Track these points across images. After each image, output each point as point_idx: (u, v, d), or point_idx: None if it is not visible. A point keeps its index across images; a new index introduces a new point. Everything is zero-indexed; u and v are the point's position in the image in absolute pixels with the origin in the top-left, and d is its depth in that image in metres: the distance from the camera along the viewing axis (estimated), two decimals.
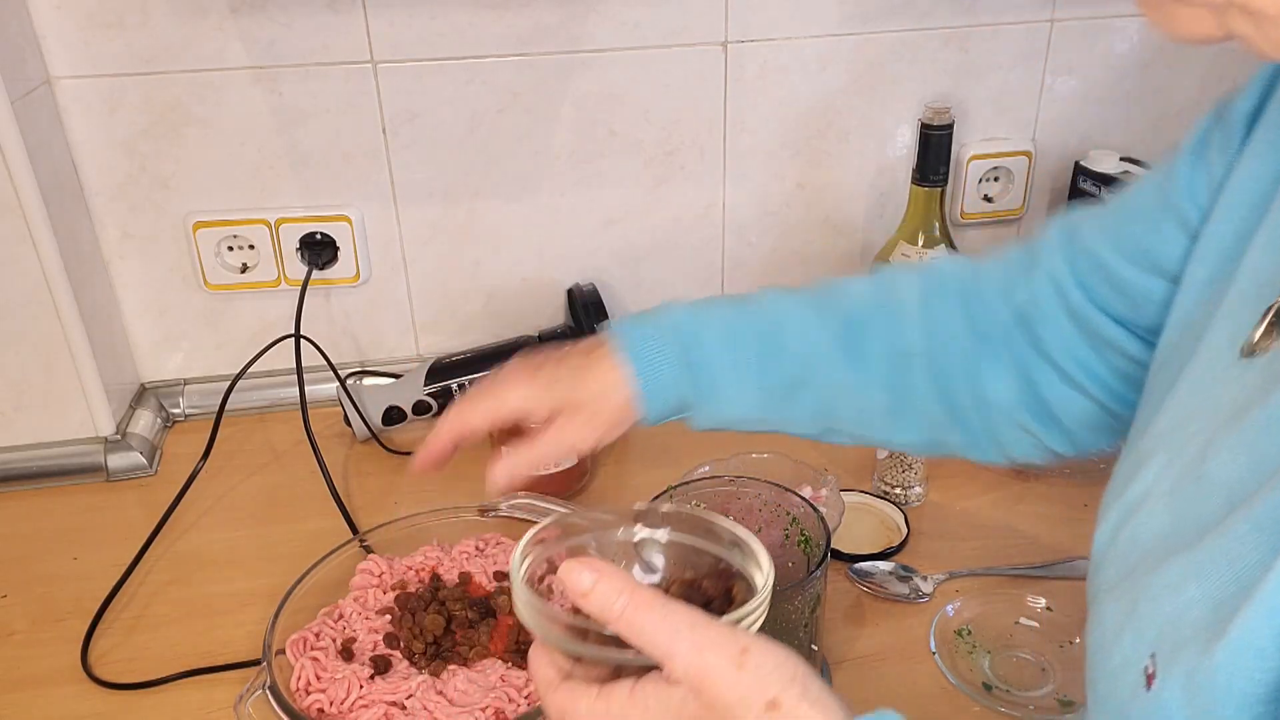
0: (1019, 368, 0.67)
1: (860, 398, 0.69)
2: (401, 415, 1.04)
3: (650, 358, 0.67)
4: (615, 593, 0.47)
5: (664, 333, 0.68)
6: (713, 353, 0.68)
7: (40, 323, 0.95)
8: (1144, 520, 0.48)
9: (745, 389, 0.68)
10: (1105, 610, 0.48)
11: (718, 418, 0.70)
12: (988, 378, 0.68)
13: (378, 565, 0.79)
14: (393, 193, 1.06)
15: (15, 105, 0.87)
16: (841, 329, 0.69)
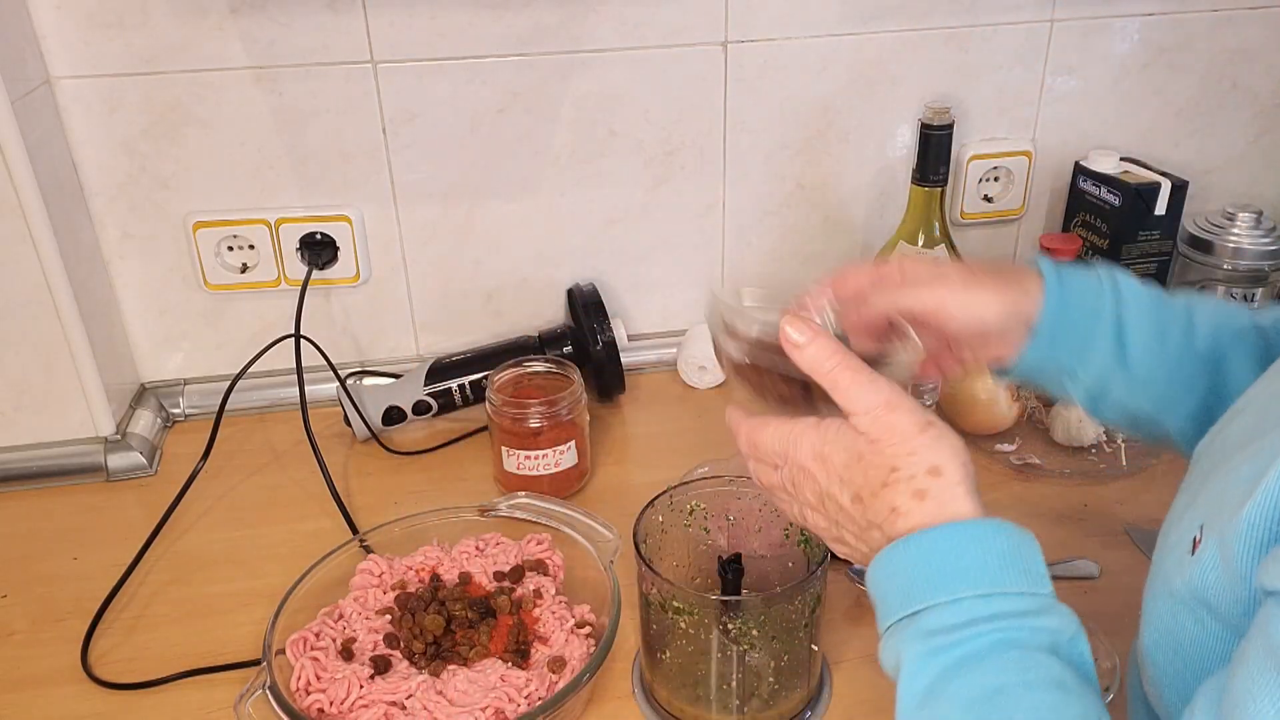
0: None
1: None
2: (401, 415, 1.04)
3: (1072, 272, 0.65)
4: (828, 352, 0.54)
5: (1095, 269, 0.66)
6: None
7: (40, 323, 0.95)
8: (1237, 425, 0.51)
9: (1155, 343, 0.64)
10: (1178, 502, 0.51)
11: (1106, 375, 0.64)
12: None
13: (378, 565, 0.79)
14: (393, 193, 1.07)
15: (15, 105, 0.87)
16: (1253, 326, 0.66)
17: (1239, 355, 0.64)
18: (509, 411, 0.92)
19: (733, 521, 0.76)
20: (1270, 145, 1.21)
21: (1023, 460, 0.98)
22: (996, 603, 0.47)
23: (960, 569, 0.48)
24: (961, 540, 0.49)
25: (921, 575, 0.48)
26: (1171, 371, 0.64)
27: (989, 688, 0.45)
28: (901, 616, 0.49)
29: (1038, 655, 0.46)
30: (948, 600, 0.47)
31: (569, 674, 0.70)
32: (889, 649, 0.50)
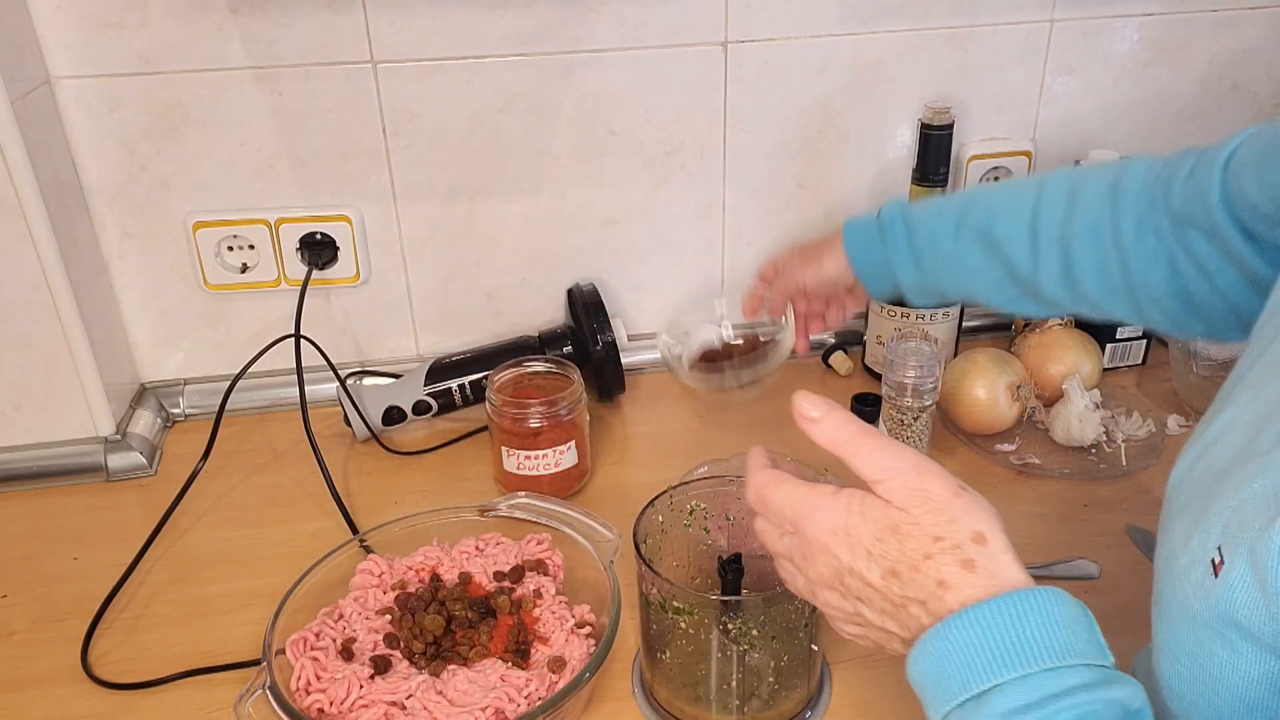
0: (1169, 257, 0.70)
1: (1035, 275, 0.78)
2: (401, 415, 1.04)
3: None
4: (843, 422, 0.54)
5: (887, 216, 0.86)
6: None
7: (40, 323, 0.95)
8: (1221, 449, 0.50)
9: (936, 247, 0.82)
10: (1174, 528, 0.49)
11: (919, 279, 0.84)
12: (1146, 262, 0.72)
13: (378, 565, 0.79)
14: (393, 193, 1.07)
15: (15, 105, 0.87)
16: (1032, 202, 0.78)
17: (1004, 227, 0.78)
18: (509, 411, 0.92)
19: (733, 521, 0.76)
20: None
21: (1023, 460, 0.98)
22: (1066, 676, 0.44)
23: (1025, 642, 0.45)
24: (1022, 611, 0.45)
25: (984, 652, 0.45)
26: (950, 258, 0.81)
27: None
28: (965, 699, 0.45)
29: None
30: (1017, 677, 0.44)
31: (569, 674, 0.70)
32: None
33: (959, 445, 1.01)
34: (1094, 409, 0.99)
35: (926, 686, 0.47)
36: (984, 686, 0.45)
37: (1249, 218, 0.64)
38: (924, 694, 0.48)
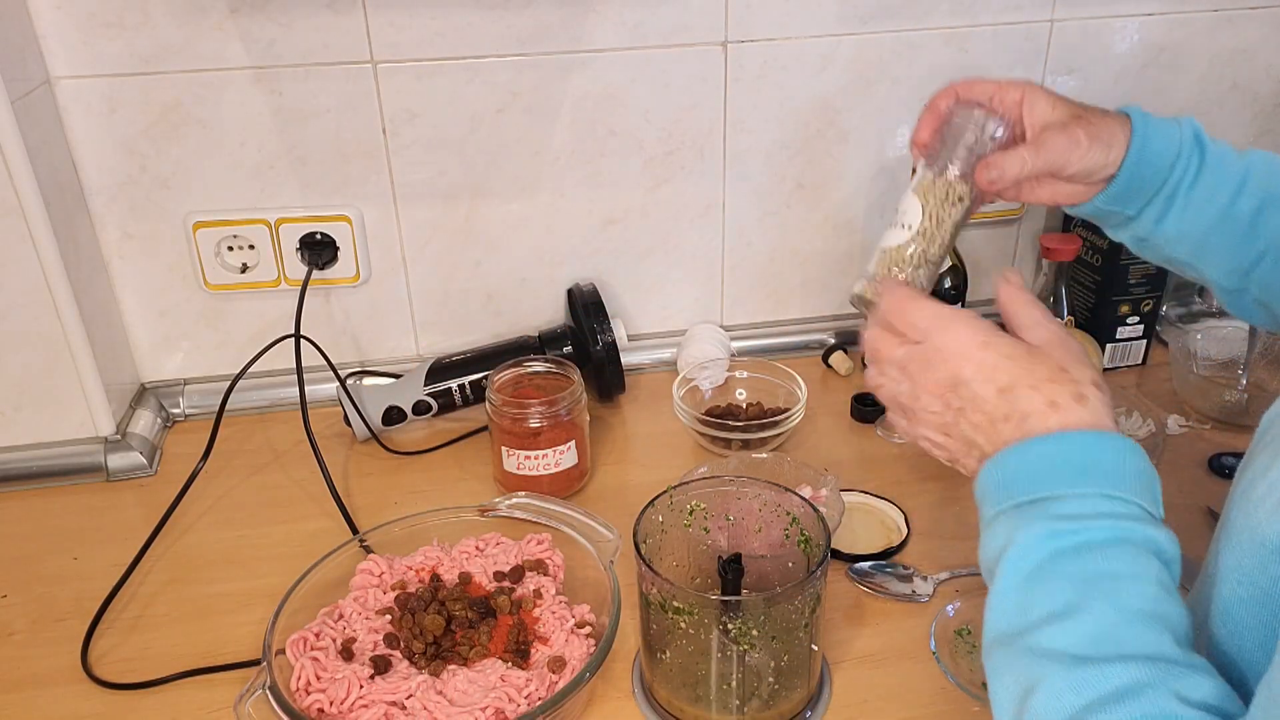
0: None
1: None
2: (401, 415, 1.04)
3: (1160, 129, 0.71)
4: (1019, 295, 0.60)
5: (1181, 125, 0.72)
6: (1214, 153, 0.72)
7: (40, 323, 0.95)
8: None
9: (1203, 204, 0.71)
10: (1258, 460, 0.51)
11: (1151, 228, 0.73)
12: None
13: (378, 565, 0.79)
14: (393, 193, 1.07)
15: (15, 105, 0.87)
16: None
17: (1272, 218, 0.70)
18: (509, 411, 0.92)
19: (733, 521, 0.76)
20: (1270, 145, 1.21)
21: None
22: (1120, 505, 0.50)
23: (1098, 470, 0.51)
24: (1105, 447, 0.52)
25: (1060, 466, 0.51)
26: (1210, 229, 0.71)
27: (1101, 571, 0.48)
28: (1028, 500, 0.51)
29: (1148, 556, 0.49)
30: (1078, 493, 0.50)
31: (569, 674, 0.70)
32: (999, 531, 0.52)
33: None
34: None
35: (990, 490, 0.53)
36: (1048, 493, 0.51)
37: None
38: (985, 496, 0.54)
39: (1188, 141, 0.71)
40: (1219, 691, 0.45)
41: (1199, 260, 0.73)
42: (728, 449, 1.00)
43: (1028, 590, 0.49)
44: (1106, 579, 0.48)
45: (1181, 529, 0.90)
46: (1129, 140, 0.70)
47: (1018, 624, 0.49)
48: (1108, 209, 0.73)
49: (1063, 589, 0.48)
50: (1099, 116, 0.72)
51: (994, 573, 0.51)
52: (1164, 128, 0.71)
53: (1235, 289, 0.73)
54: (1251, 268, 0.71)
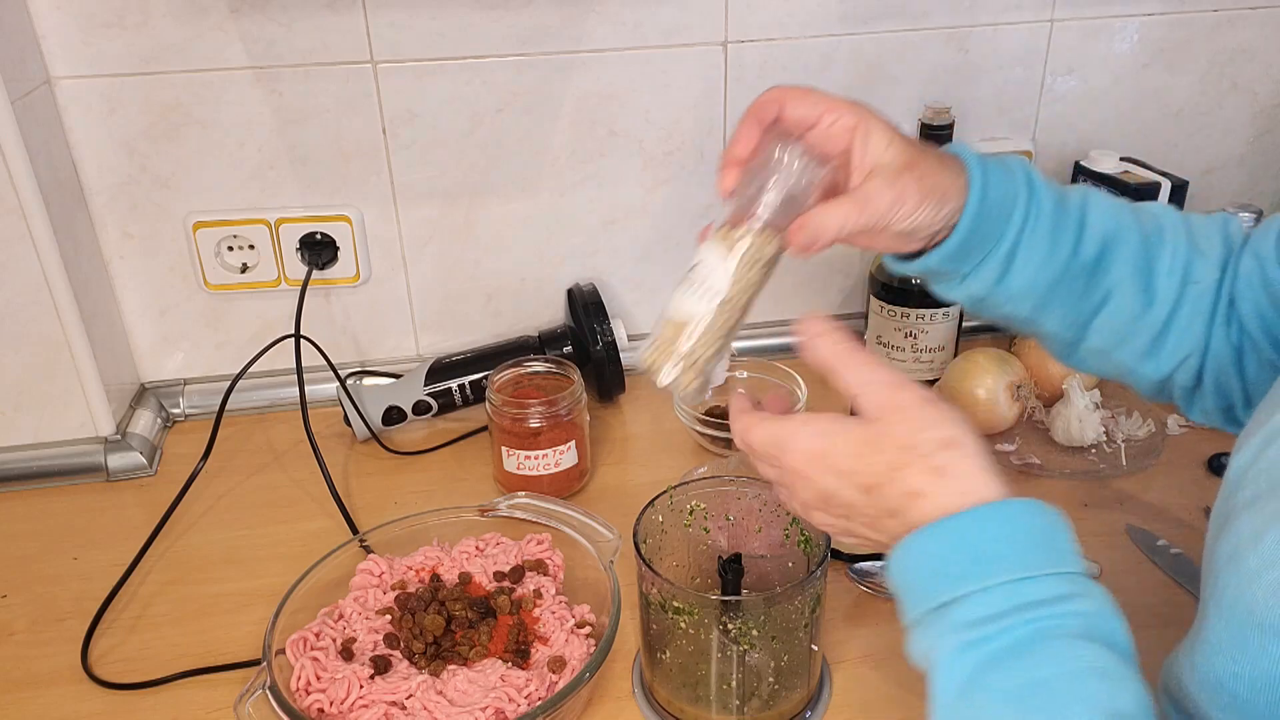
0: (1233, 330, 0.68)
1: (1135, 310, 0.67)
2: (401, 415, 1.04)
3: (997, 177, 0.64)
4: (834, 342, 0.54)
5: (1014, 172, 0.65)
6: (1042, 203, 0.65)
7: (40, 323, 0.95)
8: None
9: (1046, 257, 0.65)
10: (1242, 523, 0.48)
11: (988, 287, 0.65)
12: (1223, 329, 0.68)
13: (378, 565, 0.79)
14: (393, 193, 1.07)
15: (15, 105, 0.87)
16: (1144, 238, 0.67)
17: (1118, 261, 0.66)
18: (509, 411, 0.92)
19: (733, 521, 0.76)
20: (1270, 145, 1.21)
21: (1023, 460, 0.98)
22: (1028, 589, 0.45)
23: (989, 555, 0.46)
24: (989, 523, 0.47)
25: (948, 563, 0.47)
26: (1054, 282, 0.65)
27: (1032, 680, 0.44)
28: (931, 608, 0.47)
29: (1076, 644, 0.44)
30: (978, 589, 0.46)
31: (569, 674, 0.70)
32: (920, 641, 0.48)
33: None
34: (1094, 409, 0.99)
35: (902, 592, 0.49)
36: (948, 597, 0.46)
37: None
38: (900, 600, 0.49)
39: (1023, 189, 0.64)
40: None
41: (1040, 315, 0.67)
42: (728, 449, 1.00)
43: (964, 711, 0.45)
44: (1039, 689, 0.43)
45: (1182, 529, 0.90)
46: (965, 191, 0.62)
47: None
48: (940, 268, 0.65)
49: (999, 711, 0.44)
50: (934, 163, 0.62)
51: (931, 684, 0.47)
52: (1000, 176, 0.64)
53: (1072, 340, 0.69)
54: (1093, 316, 0.67)
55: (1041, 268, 0.65)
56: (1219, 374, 0.69)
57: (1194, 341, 0.68)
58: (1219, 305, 0.67)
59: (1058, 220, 0.65)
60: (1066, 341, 0.69)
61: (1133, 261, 0.66)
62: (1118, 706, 0.43)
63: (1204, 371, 0.69)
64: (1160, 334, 0.68)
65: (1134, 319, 0.67)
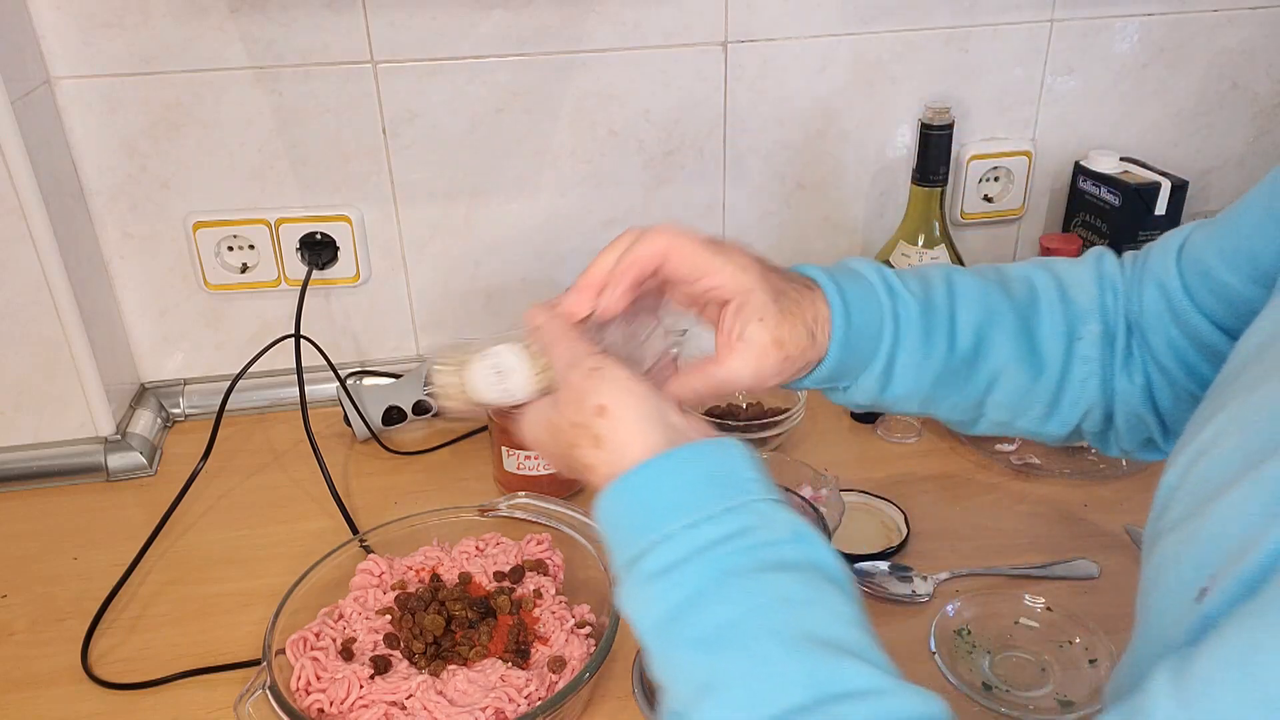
0: (1137, 367, 0.68)
1: (1025, 382, 0.67)
2: (401, 415, 1.04)
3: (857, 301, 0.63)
4: (549, 330, 0.60)
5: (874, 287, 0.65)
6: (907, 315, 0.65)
7: (40, 323, 0.95)
8: (1214, 459, 0.48)
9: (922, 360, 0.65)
10: (1166, 544, 0.47)
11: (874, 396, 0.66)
12: (1123, 371, 0.68)
13: (378, 565, 0.79)
14: (393, 193, 1.07)
15: (15, 105, 0.87)
16: (1018, 313, 0.67)
17: (997, 342, 0.66)
18: (509, 412, 0.91)
19: None
20: (1270, 145, 1.21)
21: (1023, 460, 0.98)
22: (706, 530, 0.46)
23: (664, 504, 0.47)
24: (659, 474, 0.48)
25: (630, 518, 0.48)
26: (936, 378, 0.66)
27: (718, 624, 0.44)
28: (623, 565, 0.48)
29: (761, 576, 0.45)
30: (659, 539, 0.46)
31: (569, 674, 0.70)
32: (621, 600, 0.48)
33: (959, 444, 1.01)
34: None
35: (608, 555, 0.49)
36: (635, 552, 0.46)
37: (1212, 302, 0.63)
38: (610, 564, 0.50)
39: (886, 306, 0.64)
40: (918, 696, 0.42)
41: (930, 408, 0.68)
42: None
43: (664, 668, 0.45)
44: (726, 631, 0.43)
45: None
46: (829, 323, 0.61)
47: (678, 705, 0.44)
48: (817, 387, 0.65)
49: (692, 662, 0.43)
50: (794, 312, 0.61)
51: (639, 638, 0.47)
52: (860, 296, 0.63)
53: (969, 421, 0.69)
54: (984, 397, 0.68)
55: (920, 372, 0.65)
56: (1129, 414, 0.69)
57: (1092, 394, 0.68)
58: (1115, 350, 0.68)
59: (927, 324, 0.65)
60: (963, 423, 0.70)
61: (1012, 339, 0.67)
62: (807, 628, 0.43)
63: (1112, 416, 0.69)
64: (1055, 397, 0.68)
65: (1026, 391, 0.68)
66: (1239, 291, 0.61)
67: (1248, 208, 0.63)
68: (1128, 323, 0.68)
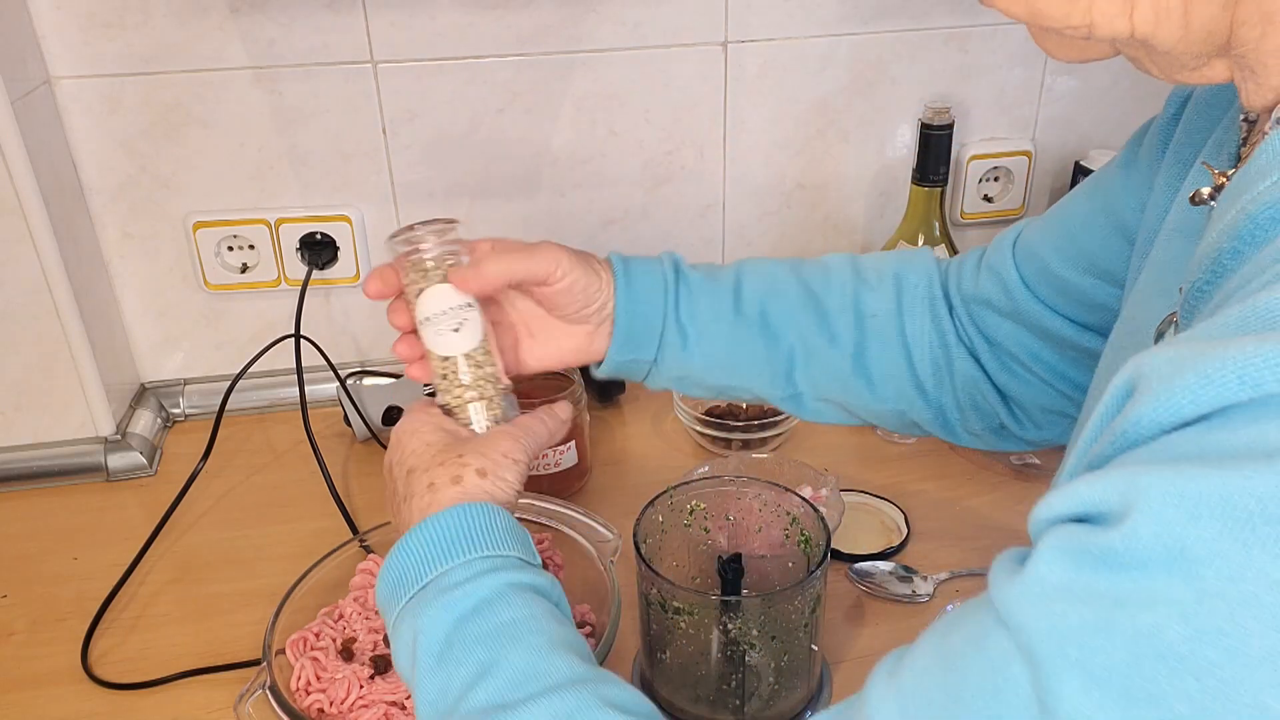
0: (973, 351, 0.71)
1: (824, 351, 0.71)
2: (401, 415, 1.04)
3: (639, 263, 0.71)
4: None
5: (659, 258, 0.73)
6: (696, 294, 0.71)
7: (40, 323, 0.95)
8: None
9: (711, 321, 0.71)
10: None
11: (681, 362, 0.72)
12: (954, 353, 0.71)
13: (378, 565, 0.79)
14: (393, 193, 1.07)
15: (15, 105, 0.87)
16: (804, 285, 0.72)
17: (785, 311, 0.71)
18: None
19: (733, 521, 0.76)
20: None
21: (1022, 460, 0.97)
22: (498, 561, 0.55)
23: (469, 538, 0.55)
24: (472, 516, 0.56)
25: (437, 546, 0.55)
26: (731, 345, 0.71)
27: (501, 622, 0.52)
28: (419, 587, 0.54)
29: (535, 597, 0.54)
30: (460, 563, 0.54)
31: None
32: (405, 629, 0.54)
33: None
34: None
35: (388, 596, 0.56)
36: (435, 573, 0.54)
37: (1053, 296, 0.67)
38: (386, 604, 0.56)
39: (668, 269, 0.72)
40: (637, 695, 0.50)
41: (741, 380, 0.73)
42: (728, 449, 1.00)
43: (444, 667, 0.51)
44: (507, 628, 0.51)
45: None
46: (612, 277, 0.71)
47: (445, 704, 0.50)
48: (627, 358, 0.72)
49: (473, 653, 0.50)
50: (585, 254, 0.71)
51: (414, 669, 0.52)
52: (642, 262, 0.72)
53: (790, 395, 0.73)
54: (790, 368, 0.72)
55: (714, 333, 0.71)
56: (972, 397, 0.72)
57: (897, 367, 0.71)
58: (921, 325, 0.71)
59: (710, 287, 0.72)
60: (786, 398, 0.74)
61: (799, 307, 0.71)
62: (568, 638, 0.53)
63: (941, 401, 0.72)
64: (857, 368, 0.71)
65: (826, 361, 0.71)
66: (1072, 281, 0.65)
67: (1076, 203, 0.67)
68: (949, 302, 0.72)
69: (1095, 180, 0.66)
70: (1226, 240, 0.39)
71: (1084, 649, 0.30)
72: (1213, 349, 0.31)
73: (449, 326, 0.64)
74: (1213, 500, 0.29)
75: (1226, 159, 0.49)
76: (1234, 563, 0.28)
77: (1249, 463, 0.29)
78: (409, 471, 0.60)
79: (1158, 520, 0.30)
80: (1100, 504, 0.32)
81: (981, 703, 0.33)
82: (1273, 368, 0.29)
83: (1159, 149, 0.59)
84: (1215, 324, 0.33)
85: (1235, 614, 0.28)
